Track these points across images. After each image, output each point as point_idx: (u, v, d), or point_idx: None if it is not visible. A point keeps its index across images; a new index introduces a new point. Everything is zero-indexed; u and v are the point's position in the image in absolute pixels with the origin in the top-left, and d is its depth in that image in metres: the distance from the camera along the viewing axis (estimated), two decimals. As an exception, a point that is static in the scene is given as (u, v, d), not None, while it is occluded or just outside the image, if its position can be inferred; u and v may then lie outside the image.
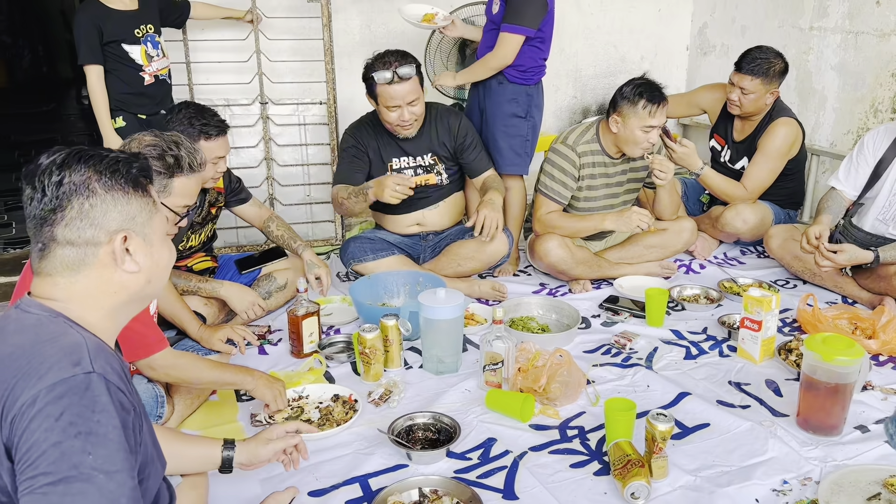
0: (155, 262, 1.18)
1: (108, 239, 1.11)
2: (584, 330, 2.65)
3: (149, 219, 1.16)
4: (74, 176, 1.09)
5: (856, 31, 3.57)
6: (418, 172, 2.96)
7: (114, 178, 1.11)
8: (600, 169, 2.99)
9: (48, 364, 1.00)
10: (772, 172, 3.28)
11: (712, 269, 3.26)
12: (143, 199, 1.15)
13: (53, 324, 1.08)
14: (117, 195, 1.12)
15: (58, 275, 1.11)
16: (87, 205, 1.09)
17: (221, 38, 3.36)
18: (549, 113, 4.34)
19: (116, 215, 1.12)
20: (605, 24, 4.33)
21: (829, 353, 1.88)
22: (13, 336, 1.07)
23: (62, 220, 1.09)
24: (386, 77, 2.67)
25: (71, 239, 1.10)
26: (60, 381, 0.98)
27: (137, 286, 1.16)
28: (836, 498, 1.70)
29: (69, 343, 1.04)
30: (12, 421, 0.97)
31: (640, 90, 2.76)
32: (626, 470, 1.71)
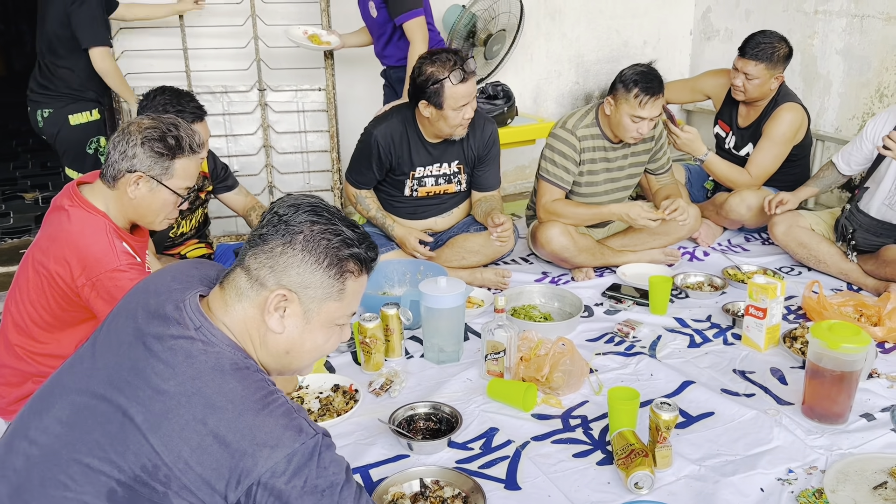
0: (302, 340, 1.19)
1: (273, 288, 1.14)
2: (587, 318, 2.63)
3: (322, 298, 1.16)
4: (293, 219, 1.15)
5: (861, 14, 3.53)
6: (440, 182, 2.90)
7: (318, 243, 1.14)
8: (601, 153, 2.95)
9: (276, 436, 1.07)
10: (777, 158, 3.25)
11: (716, 256, 3.24)
12: (330, 279, 1.16)
13: (253, 375, 1.12)
14: (308, 259, 1.14)
15: (227, 292, 1.18)
16: (279, 249, 1.14)
17: (219, 23, 3.32)
18: (550, 99, 4.32)
19: (294, 275, 1.14)
20: (608, 8, 4.28)
21: (834, 340, 1.86)
22: (216, 378, 1.09)
23: (256, 248, 1.16)
24: (459, 76, 2.55)
25: (250, 267, 1.16)
26: (294, 453, 1.07)
27: (276, 347, 1.19)
28: (841, 487, 1.69)
29: (283, 409, 1.10)
30: (250, 490, 1.05)
31: (636, 78, 2.72)
32: (630, 459, 1.70)
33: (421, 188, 2.88)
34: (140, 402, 1.08)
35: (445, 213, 2.99)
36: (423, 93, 2.60)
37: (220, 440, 1.05)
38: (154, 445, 1.05)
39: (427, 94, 2.59)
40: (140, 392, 1.08)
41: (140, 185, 1.78)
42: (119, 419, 1.08)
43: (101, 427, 1.08)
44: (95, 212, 1.81)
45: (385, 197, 2.95)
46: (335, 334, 1.23)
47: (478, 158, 2.90)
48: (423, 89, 2.59)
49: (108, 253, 1.76)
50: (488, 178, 2.95)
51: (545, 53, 4.21)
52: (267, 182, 3.58)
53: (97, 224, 1.79)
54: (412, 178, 2.84)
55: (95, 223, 1.79)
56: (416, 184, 2.86)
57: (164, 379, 1.09)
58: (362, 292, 1.23)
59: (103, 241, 1.77)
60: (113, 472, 1.06)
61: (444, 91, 2.57)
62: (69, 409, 1.13)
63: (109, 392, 1.10)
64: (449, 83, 2.56)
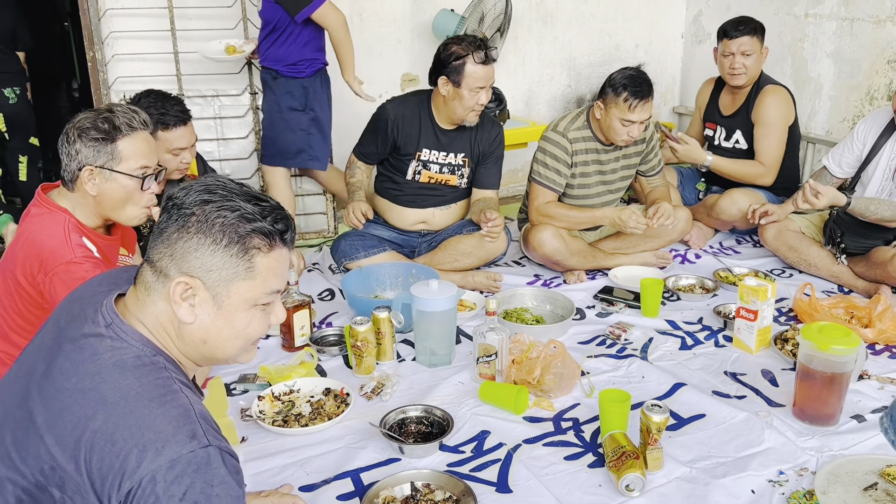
0: (217, 326, 1.11)
1: (176, 277, 1.08)
2: (579, 321, 2.63)
3: (229, 281, 1.08)
4: (185, 202, 1.08)
5: (851, 17, 3.55)
6: (444, 171, 2.92)
7: (212, 223, 1.06)
8: (593, 156, 2.96)
9: (164, 437, 0.99)
10: (780, 141, 3.28)
11: (708, 258, 3.24)
12: (233, 259, 1.07)
13: (155, 372, 1.06)
14: (204, 241, 1.06)
15: (138, 289, 1.12)
16: (175, 235, 1.07)
17: (210, 27, 3.31)
18: (542, 102, 4.32)
19: (194, 260, 1.07)
20: (599, 11, 4.29)
21: (825, 342, 1.86)
22: (114, 374, 1.04)
23: (156, 238, 1.09)
24: (481, 56, 2.66)
25: (153, 260, 1.10)
26: (179, 458, 0.98)
27: (191, 337, 1.12)
28: (832, 488, 1.69)
29: (178, 410, 1.02)
30: (129, 493, 0.97)
31: (625, 81, 2.73)
32: (621, 462, 1.69)
33: (425, 171, 2.90)
34: (43, 402, 1.04)
35: (443, 207, 3.00)
36: (444, 68, 2.70)
37: (107, 438, 0.99)
38: (49, 446, 1.01)
39: (448, 70, 2.69)
40: (45, 392, 1.05)
41: (95, 178, 1.78)
42: (25, 423, 1.05)
43: (11, 433, 1.06)
44: (56, 209, 1.81)
45: (386, 181, 2.97)
46: (257, 316, 1.13)
47: (482, 155, 2.95)
48: (445, 64, 2.69)
49: (62, 245, 1.75)
50: (489, 176, 2.98)
51: (537, 57, 4.22)
52: (258, 186, 3.56)
53: (55, 219, 1.79)
54: (417, 160, 2.89)
55: (53, 219, 1.79)
56: (420, 166, 2.90)
57: (66, 377, 1.05)
58: (282, 267, 1.13)
59: (59, 235, 1.76)
60: (17, 479, 1.03)
61: (464, 69, 2.66)
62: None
63: (24, 397, 1.07)
64: (471, 61, 2.65)
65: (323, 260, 3.32)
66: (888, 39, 3.38)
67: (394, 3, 3.76)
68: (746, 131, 3.34)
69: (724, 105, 3.45)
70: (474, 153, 2.94)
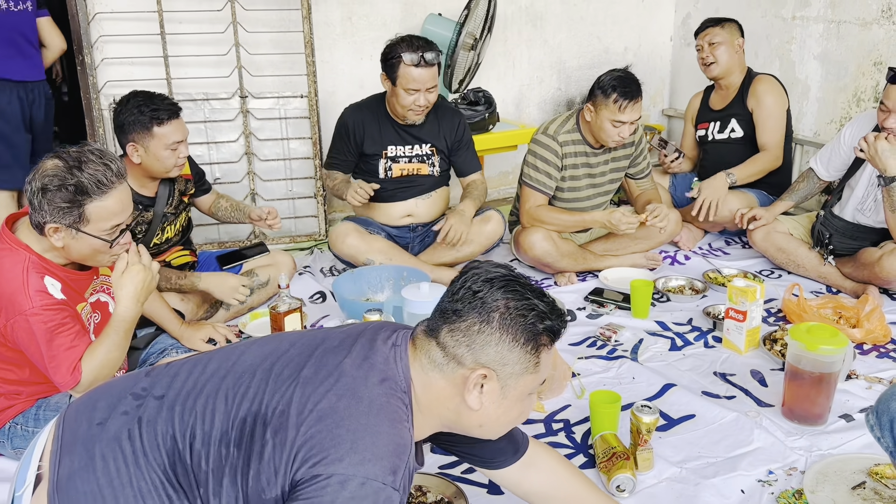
0: (497, 415, 1.19)
1: (472, 367, 1.14)
2: (570, 322, 2.64)
3: (519, 374, 1.16)
4: (489, 297, 1.13)
5: (838, 20, 3.58)
6: (413, 161, 2.99)
7: (515, 321, 1.13)
8: (582, 159, 2.97)
9: (376, 453, 1.05)
10: (781, 125, 3.34)
11: (697, 260, 3.26)
12: (526, 355, 1.15)
13: (402, 404, 1.14)
14: (506, 337, 1.13)
15: (421, 357, 1.18)
16: (476, 327, 1.13)
17: (200, 31, 3.31)
18: (533, 105, 4.33)
19: (493, 353, 1.13)
20: (589, 14, 4.31)
21: (813, 342, 1.88)
22: (374, 379, 1.13)
23: (451, 324, 1.15)
24: (413, 59, 2.70)
25: (446, 344, 1.15)
26: (372, 482, 1.03)
27: (468, 422, 1.20)
28: (821, 487, 1.70)
29: (399, 441, 1.09)
30: (315, 478, 1.03)
31: (614, 83, 2.74)
32: (612, 462, 1.70)
33: (395, 166, 2.97)
34: (316, 365, 1.15)
35: (424, 196, 3.05)
36: (384, 63, 2.79)
37: (337, 420, 1.07)
38: (293, 394, 1.11)
39: (386, 66, 2.79)
40: (322, 360, 1.16)
41: (62, 234, 1.69)
42: (292, 370, 1.15)
43: (279, 370, 1.16)
44: (17, 245, 1.72)
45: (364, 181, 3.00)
46: (528, 404, 1.23)
47: (451, 147, 3.04)
48: (385, 60, 2.78)
49: (18, 292, 1.67)
50: (466, 162, 3.08)
51: (527, 60, 4.23)
52: (249, 189, 3.56)
53: (14, 259, 1.70)
54: (385, 157, 2.96)
55: (13, 258, 1.71)
56: (389, 163, 2.97)
57: (342, 357, 1.16)
58: (552, 360, 1.23)
59: (17, 280, 1.68)
60: (254, 405, 1.12)
61: (398, 68, 2.73)
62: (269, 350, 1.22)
63: (307, 355, 1.18)
64: (404, 61, 2.71)
65: (314, 263, 3.31)
66: (874, 42, 3.41)
67: (384, 6, 3.77)
68: (743, 118, 3.38)
69: (714, 103, 3.50)
70: (441, 144, 3.02)
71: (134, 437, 1.14)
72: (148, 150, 2.35)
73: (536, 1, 4.14)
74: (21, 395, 1.87)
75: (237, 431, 1.11)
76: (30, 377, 1.83)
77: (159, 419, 1.14)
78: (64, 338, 1.71)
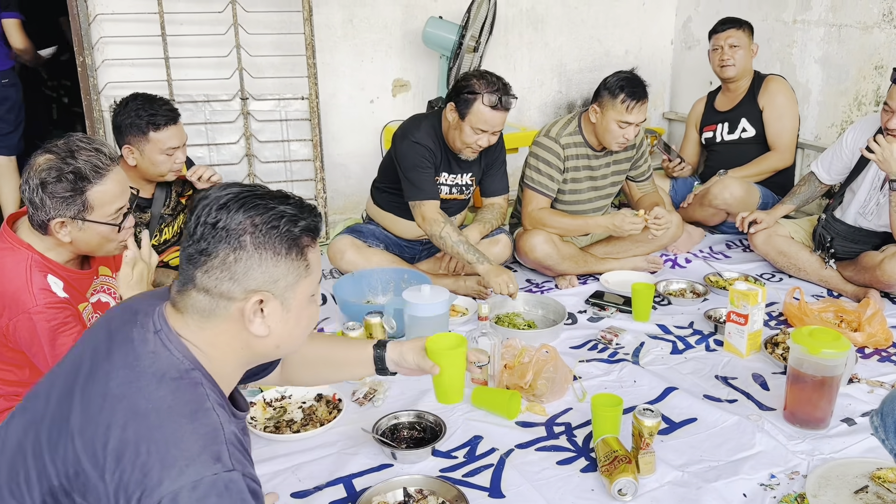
0: (289, 331, 1.13)
1: (244, 297, 1.07)
2: (571, 325, 2.63)
3: (294, 282, 1.10)
4: (231, 222, 1.05)
5: (839, 23, 3.58)
6: (453, 192, 2.93)
7: (268, 235, 1.06)
8: (584, 161, 2.97)
9: (189, 455, 0.98)
10: (793, 123, 3.38)
11: (698, 263, 3.26)
12: (294, 262, 1.09)
13: (191, 388, 1.05)
14: (266, 254, 1.06)
15: (188, 316, 1.10)
16: (231, 257, 1.05)
17: (201, 32, 3.31)
18: (533, 108, 4.33)
19: (259, 275, 1.07)
20: (590, 17, 4.31)
21: (815, 346, 1.87)
22: (150, 383, 1.03)
23: (203, 265, 1.06)
24: (493, 101, 2.60)
25: (207, 287, 1.07)
26: (202, 480, 0.96)
27: (264, 349, 1.14)
28: (823, 491, 1.69)
29: (207, 429, 1.01)
30: None
31: (622, 83, 2.75)
32: (614, 466, 1.70)
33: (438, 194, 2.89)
34: (82, 403, 1.04)
35: None
36: (457, 96, 2.66)
37: (134, 450, 0.98)
38: (78, 449, 1.01)
39: (458, 99, 2.65)
40: (85, 394, 1.05)
41: (68, 228, 1.69)
42: (61, 422, 1.05)
43: (48, 431, 1.06)
44: (19, 244, 1.72)
45: (393, 197, 2.94)
46: (313, 307, 1.17)
47: (487, 166, 2.96)
48: (459, 93, 2.66)
49: (23, 290, 1.67)
50: (495, 183, 3.00)
51: (528, 63, 4.23)
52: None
53: (18, 258, 1.70)
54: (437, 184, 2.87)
55: (16, 257, 1.71)
56: None
57: (106, 381, 1.05)
58: (320, 254, 1.16)
59: (20, 278, 1.68)
60: (45, 479, 1.03)
61: (473, 105, 2.62)
62: (30, 417, 1.11)
63: (67, 394, 1.07)
64: (481, 100, 2.60)
65: (314, 265, 3.31)
66: (875, 45, 3.42)
67: (385, 9, 3.77)
68: (754, 117, 3.41)
69: (720, 105, 3.52)
70: (479, 174, 2.96)
71: None
72: (143, 154, 2.35)
73: (537, 4, 4.14)
74: (20, 397, 1.86)
75: None
76: (30, 378, 1.83)
77: None
78: (66, 337, 1.70)
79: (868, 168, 2.80)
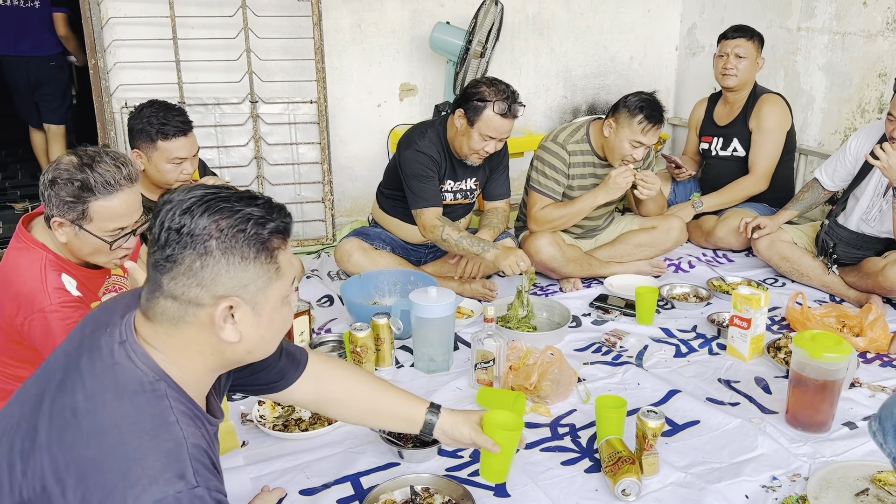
0: (261, 335, 1.10)
1: (212, 303, 1.04)
2: (575, 328, 2.66)
3: (264, 287, 1.06)
4: (195, 227, 1.01)
5: (843, 31, 3.60)
6: (457, 197, 2.96)
7: (235, 239, 1.02)
8: (590, 169, 3.00)
9: (151, 474, 0.95)
10: (775, 149, 3.36)
11: (701, 267, 3.28)
12: (263, 266, 1.05)
13: (154, 401, 1.02)
14: (233, 259, 1.03)
15: (157, 323, 1.07)
16: (198, 263, 1.02)
17: (211, 36, 3.34)
18: (539, 113, 4.36)
19: (227, 280, 1.03)
20: (595, 24, 4.34)
21: (817, 349, 1.89)
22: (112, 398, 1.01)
23: (170, 272, 1.03)
24: (503, 108, 2.62)
25: (175, 293, 1.04)
26: (166, 499, 0.94)
27: (235, 355, 1.11)
28: (824, 494, 1.72)
29: (170, 445, 0.99)
30: None
31: (642, 105, 2.77)
32: (617, 467, 1.72)
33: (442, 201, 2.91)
34: (50, 417, 1.03)
35: None
36: (466, 102, 2.67)
37: (96, 469, 0.96)
38: (45, 465, 0.99)
39: (468, 105, 2.66)
40: (54, 406, 1.04)
41: (65, 229, 1.71)
42: (32, 435, 1.03)
43: (20, 442, 1.04)
44: (34, 244, 1.75)
45: (398, 202, 2.96)
46: (286, 310, 1.14)
47: (491, 171, 2.98)
48: (468, 100, 2.66)
49: (37, 290, 1.69)
50: (497, 187, 3.01)
51: (534, 68, 4.26)
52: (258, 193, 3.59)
53: (32, 258, 1.73)
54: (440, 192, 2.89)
55: (30, 257, 1.73)
56: None
57: (73, 393, 1.03)
58: (291, 255, 1.12)
59: (35, 278, 1.70)
60: (15, 493, 1.01)
61: (483, 112, 2.64)
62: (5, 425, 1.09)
63: (37, 406, 1.06)
64: (492, 108, 2.62)
65: (322, 266, 3.34)
66: (879, 53, 3.44)
67: (393, 14, 3.81)
68: (744, 138, 3.41)
69: (719, 117, 3.52)
70: (483, 178, 2.99)
71: None
72: (151, 161, 2.39)
73: (543, 10, 4.18)
74: None
75: None
76: None
77: None
78: None
79: (871, 175, 2.82)
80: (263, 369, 1.36)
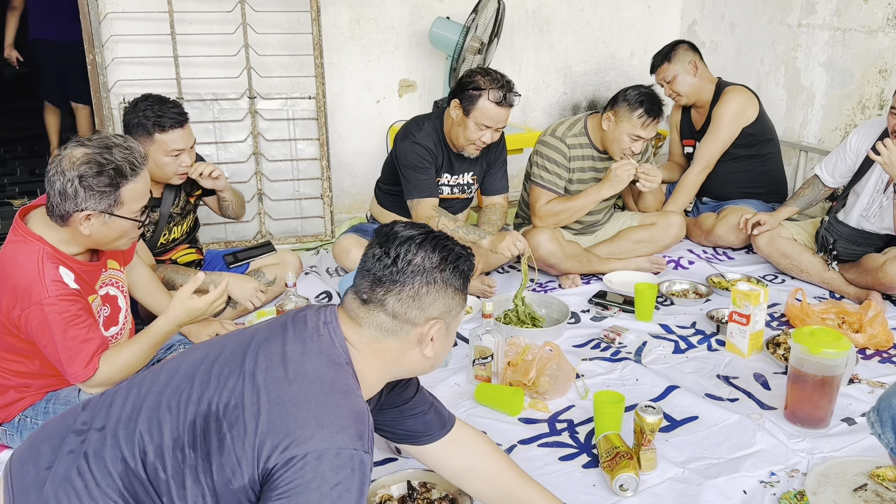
0: (443, 351, 1.30)
1: (424, 323, 1.23)
2: (574, 324, 2.66)
3: (459, 311, 1.28)
4: (426, 262, 1.22)
5: (843, 27, 3.59)
6: (454, 192, 2.95)
7: (454, 273, 1.24)
8: (589, 163, 2.99)
9: (341, 424, 1.11)
10: (722, 142, 3.34)
11: (701, 264, 3.27)
12: (461, 295, 1.27)
13: (346, 375, 1.20)
14: (449, 289, 1.24)
15: (365, 328, 1.24)
16: (424, 290, 1.22)
17: (209, 31, 3.34)
18: (539, 109, 4.35)
19: (441, 306, 1.24)
20: (595, 20, 4.33)
21: (816, 345, 1.89)
22: (317, 359, 1.19)
23: (397, 293, 1.21)
24: (498, 97, 2.62)
25: (396, 312, 1.22)
26: (345, 449, 1.09)
27: (421, 368, 1.31)
28: (822, 489, 1.71)
29: (357, 409, 1.15)
30: (291, 461, 1.07)
31: (642, 98, 2.77)
32: (615, 462, 1.72)
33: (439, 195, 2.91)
34: (255, 356, 1.19)
35: None
36: (461, 92, 2.68)
37: (295, 403, 1.11)
38: (245, 385, 1.15)
39: (463, 95, 2.67)
40: (262, 351, 1.20)
41: (92, 221, 1.73)
42: (235, 365, 1.19)
43: (220, 369, 1.20)
44: (31, 237, 1.75)
45: (397, 198, 2.96)
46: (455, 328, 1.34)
47: (489, 166, 2.97)
48: (464, 89, 2.67)
49: (35, 282, 1.70)
50: (495, 182, 3.01)
51: (533, 64, 4.25)
52: (256, 189, 3.59)
53: (29, 250, 1.73)
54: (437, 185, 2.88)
55: (27, 250, 1.73)
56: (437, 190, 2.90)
57: (281, 345, 1.20)
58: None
59: (32, 270, 1.71)
60: (204, 404, 1.15)
61: (478, 101, 2.64)
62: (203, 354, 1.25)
63: (243, 349, 1.22)
64: (486, 96, 2.62)
65: (320, 263, 3.34)
66: (879, 49, 3.43)
67: (392, 10, 3.80)
68: None
69: (695, 121, 3.56)
70: (480, 172, 2.98)
71: (83, 471, 1.16)
72: (148, 154, 2.37)
73: (543, 6, 4.17)
74: (31, 388, 1.89)
75: (189, 434, 1.14)
76: (40, 369, 1.85)
77: (105, 449, 1.18)
78: (78, 329, 1.73)
79: (871, 171, 2.82)
80: (414, 415, 1.48)
